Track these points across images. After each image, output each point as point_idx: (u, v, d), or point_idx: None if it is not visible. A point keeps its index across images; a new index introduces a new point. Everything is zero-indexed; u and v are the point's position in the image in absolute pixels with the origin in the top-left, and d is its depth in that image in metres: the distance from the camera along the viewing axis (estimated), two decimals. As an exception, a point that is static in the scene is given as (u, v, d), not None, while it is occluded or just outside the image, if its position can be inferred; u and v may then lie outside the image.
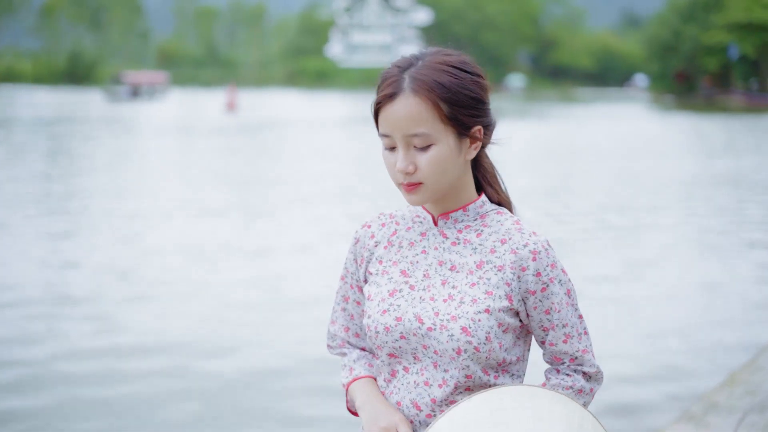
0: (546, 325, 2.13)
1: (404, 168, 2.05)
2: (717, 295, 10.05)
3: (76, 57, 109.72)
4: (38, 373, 7.15)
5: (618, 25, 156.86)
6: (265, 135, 35.64)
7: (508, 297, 2.09)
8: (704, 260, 12.16)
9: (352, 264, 2.27)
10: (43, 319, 8.73)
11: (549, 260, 2.10)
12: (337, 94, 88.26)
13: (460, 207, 2.16)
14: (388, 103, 2.04)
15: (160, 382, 7.00)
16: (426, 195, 2.09)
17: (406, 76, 2.04)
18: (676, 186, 20.34)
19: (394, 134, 2.05)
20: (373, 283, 2.19)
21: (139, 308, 9.19)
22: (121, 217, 14.95)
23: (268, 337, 8.26)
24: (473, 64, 2.10)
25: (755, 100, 69.47)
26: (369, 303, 2.17)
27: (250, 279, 10.57)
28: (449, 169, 2.07)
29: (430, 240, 2.17)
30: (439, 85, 2.02)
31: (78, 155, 26.48)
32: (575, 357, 2.16)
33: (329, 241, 13.00)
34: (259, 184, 20.14)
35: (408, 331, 2.09)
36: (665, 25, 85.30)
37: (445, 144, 2.04)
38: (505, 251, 2.11)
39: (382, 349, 2.14)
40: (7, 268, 10.98)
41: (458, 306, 2.07)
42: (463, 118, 2.05)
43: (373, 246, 2.23)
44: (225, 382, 7.07)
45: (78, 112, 49.40)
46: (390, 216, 2.26)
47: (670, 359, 7.66)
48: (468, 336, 2.04)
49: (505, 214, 2.18)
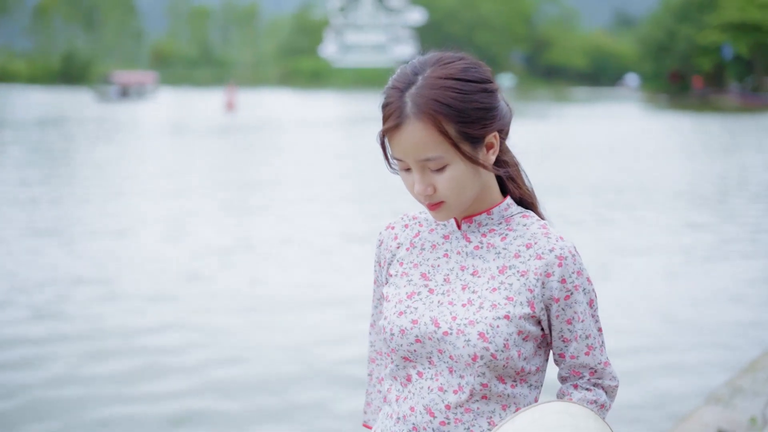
0: (567, 336, 2.06)
1: (423, 191, 2.00)
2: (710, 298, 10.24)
3: (70, 57, 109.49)
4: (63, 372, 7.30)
5: (611, 25, 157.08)
6: (270, 134, 35.74)
7: (530, 304, 2.02)
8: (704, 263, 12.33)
9: (377, 267, 2.24)
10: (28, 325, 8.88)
11: (576, 267, 2.04)
12: (331, 94, 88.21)
13: (484, 210, 2.10)
14: (394, 132, 1.98)
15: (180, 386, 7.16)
16: (451, 211, 2.04)
17: (407, 100, 1.95)
18: (678, 185, 20.53)
19: (406, 159, 1.99)
20: (392, 284, 2.15)
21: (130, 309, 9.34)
22: (152, 221, 15.08)
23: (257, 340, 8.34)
24: (476, 68, 2.00)
25: (749, 99, 69.77)
26: (386, 304, 2.12)
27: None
28: (469, 185, 2.01)
29: (453, 243, 2.12)
30: (443, 106, 1.93)
31: (77, 157, 26.54)
32: (596, 370, 2.09)
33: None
34: (277, 183, 20.25)
35: (423, 335, 2.03)
36: (659, 24, 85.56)
37: (459, 163, 1.98)
38: (530, 256, 2.04)
39: (397, 352, 2.08)
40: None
41: (477, 311, 2.01)
42: (473, 133, 1.97)
43: (395, 248, 2.18)
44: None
45: (68, 112, 48.99)
46: (413, 217, 2.21)
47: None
48: (485, 342, 1.98)
49: (531, 218, 2.11)
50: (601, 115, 52.74)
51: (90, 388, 7.04)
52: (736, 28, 74.24)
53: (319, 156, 27.27)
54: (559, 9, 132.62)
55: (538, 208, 2.16)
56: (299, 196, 18.13)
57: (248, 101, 63.59)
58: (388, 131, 1.99)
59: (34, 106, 55.18)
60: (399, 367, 2.10)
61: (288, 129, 39.29)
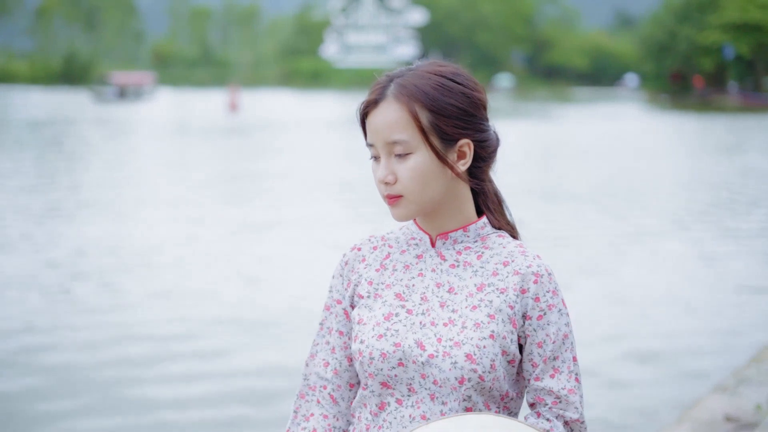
0: (536, 360, 1.98)
1: (383, 177, 1.97)
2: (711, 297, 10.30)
3: (70, 58, 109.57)
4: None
5: (611, 25, 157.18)
6: (277, 135, 35.79)
7: (512, 321, 1.96)
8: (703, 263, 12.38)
9: (339, 288, 2.11)
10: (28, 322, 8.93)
11: (551, 286, 1.99)
12: (332, 95, 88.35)
13: (459, 227, 2.05)
14: (372, 109, 1.99)
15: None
16: (409, 209, 1.98)
17: (392, 84, 1.98)
18: (683, 184, 20.61)
19: (376, 143, 1.98)
20: (364, 306, 2.04)
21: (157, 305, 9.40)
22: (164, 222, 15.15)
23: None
24: (467, 77, 2.01)
25: (750, 99, 69.82)
26: (360, 327, 2.01)
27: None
28: (431, 182, 1.96)
29: (427, 262, 2.05)
30: (421, 92, 1.95)
31: (85, 159, 26.61)
32: (559, 397, 1.98)
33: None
34: (301, 182, 20.33)
35: (407, 358, 1.95)
36: (660, 25, 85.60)
37: (425, 154, 1.95)
38: (508, 273, 1.99)
39: (375, 377, 1.98)
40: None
41: (461, 331, 1.94)
42: (445, 128, 1.95)
43: (363, 268, 2.09)
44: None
45: (64, 114, 48.84)
46: (382, 239, 2.13)
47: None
48: (473, 364, 1.91)
49: (506, 237, 2.07)
50: (603, 116, 52.78)
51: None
52: (737, 28, 74.30)
53: (336, 156, 27.32)
54: (559, 9, 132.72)
55: (518, 237, 2.10)
56: (322, 197, 18.17)
57: (250, 102, 63.70)
58: (368, 106, 1.99)
59: (30, 107, 55.20)
60: (374, 394, 2.00)
61: (293, 129, 39.33)
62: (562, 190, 19.19)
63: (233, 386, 7.06)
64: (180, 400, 6.75)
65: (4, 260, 11.39)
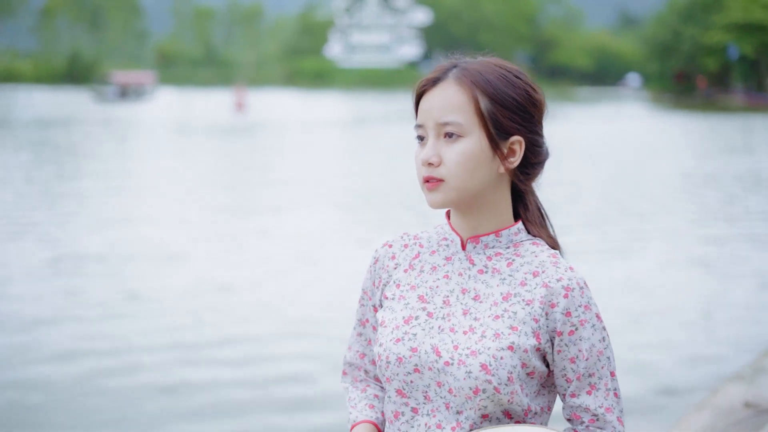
0: (570, 376, 1.91)
1: (428, 157, 1.91)
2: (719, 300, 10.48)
3: (75, 57, 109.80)
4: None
5: (614, 25, 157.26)
6: (286, 135, 35.95)
7: (536, 334, 1.89)
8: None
9: (369, 286, 2.09)
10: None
11: (583, 300, 1.90)
12: (336, 94, 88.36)
13: (492, 231, 1.98)
14: (430, 88, 1.95)
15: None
16: (447, 196, 1.92)
17: (455, 68, 1.96)
18: (691, 182, 20.76)
19: (426, 123, 1.94)
20: (387, 308, 2.01)
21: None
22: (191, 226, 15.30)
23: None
24: (531, 79, 1.98)
25: (755, 99, 69.95)
26: (381, 330, 1.98)
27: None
28: (476, 171, 1.91)
29: (455, 265, 1.99)
30: (484, 79, 1.92)
31: (94, 159, 26.75)
32: (596, 416, 1.91)
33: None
34: (320, 183, 20.48)
35: (423, 364, 1.91)
36: (664, 25, 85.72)
37: (476, 140, 1.90)
38: (536, 284, 1.92)
39: (392, 383, 1.95)
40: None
41: (479, 340, 1.88)
42: (501, 119, 1.91)
43: (392, 268, 2.06)
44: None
45: (67, 113, 48.98)
46: (414, 237, 2.09)
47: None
48: (488, 374, 1.85)
49: (541, 246, 1.99)
50: (609, 116, 52.89)
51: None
52: (741, 28, 74.38)
53: (349, 155, 27.49)
54: (562, 9, 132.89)
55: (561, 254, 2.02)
56: (362, 195, 18.32)
57: (254, 101, 63.83)
58: (427, 84, 1.96)
59: (32, 107, 55.33)
60: (390, 400, 1.98)
61: (302, 129, 39.47)
62: (566, 190, 19.30)
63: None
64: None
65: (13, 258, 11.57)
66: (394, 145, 31.56)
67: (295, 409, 6.78)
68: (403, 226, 14.29)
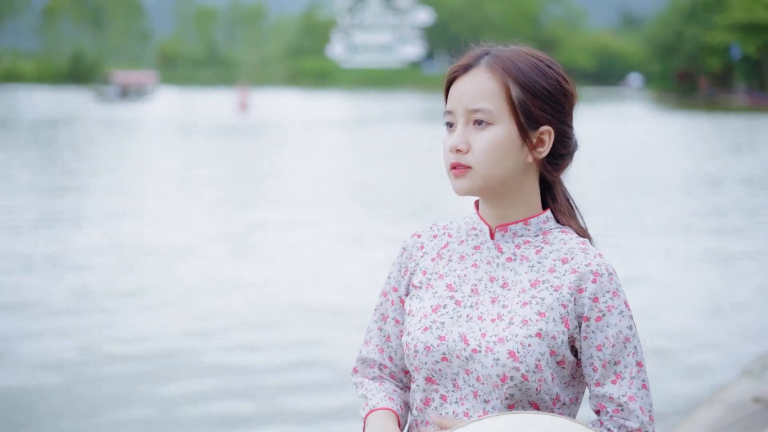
0: (596, 363, 1.89)
1: (456, 144, 1.90)
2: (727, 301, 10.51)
3: (77, 57, 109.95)
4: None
5: (616, 25, 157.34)
6: (291, 135, 35.92)
7: (564, 320, 1.88)
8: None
9: (396, 275, 2.07)
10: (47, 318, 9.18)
11: (611, 287, 1.89)
12: (339, 94, 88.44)
13: (521, 220, 1.97)
14: (461, 75, 1.94)
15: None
16: (474, 183, 1.91)
17: (487, 54, 1.95)
18: (700, 181, 20.79)
19: (456, 109, 1.93)
20: (415, 297, 2.00)
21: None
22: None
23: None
24: (563, 70, 1.96)
25: (757, 99, 69.97)
26: (409, 319, 1.97)
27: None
28: (504, 158, 1.90)
29: (484, 253, 1.98)
30: (515, 67, 1.91)
31: (103, 160, 26.79)
32: (621, 405, 1.88)
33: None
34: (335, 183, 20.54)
35: (451, 353, 1.90)
36: (667, 25, 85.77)
37: (505, 128, 1.89)
38: (565, 271, 1.91)
39: (420, 371, 1.94)
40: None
41: (507, 327, 1.87)
42: (531, 108, 1.90)
43: (420, 257, 2.04)
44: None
45: (68, 113, 48.92)
46: (443, 227, 2.07)
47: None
48: (515, 362, 1.84)
49: (570, 233, 1.98)
50: (612, 116, 52.88)
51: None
52: (743, 28, 74.39)
53: (351, 155, 27.53)
54: (564, 9, 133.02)
55: (592, 243, 2.01)
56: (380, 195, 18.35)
57: (257, 101, 63.88)
58: (458, 70, 1.95)
59: (33, 107, 55.39)
60: (419, 388, 1.97)
61: (304, 129, 39.50)
62: (574, 189, 19.31)
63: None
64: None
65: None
66: (395, 144, 31.62)
67: (312, 392, 6.84)
68: (402, 226, 14.34)
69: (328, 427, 6.37)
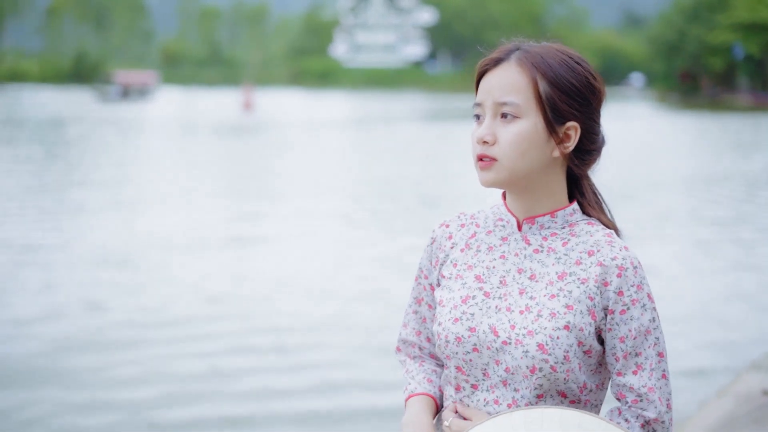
0: (618, 354, 1.94)
1: (483, 135, 1.95)
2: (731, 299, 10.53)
3: (80, 57, 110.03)
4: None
5: (619, 24, 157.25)
6: (296, 134, 35.92)
7: (591, 312, 1.93)
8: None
9: (426, 265, 2.13)
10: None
11: (636, 280, 1.93)
12: (342, 94, 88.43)
13: (548, 212, 2.01)
14: (491, 68, 1.99)
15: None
16: (499, 175, 1.95)
17: (518, 50, 1.99)
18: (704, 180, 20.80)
19: (485, 102, 1.97)
20: (445, 287, 2.05)
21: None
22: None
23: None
24: (592, 68, 2.01)
25: (761, 98, 69.93)
26: (440, 309, 2.03)
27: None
28: (529, 152, 1.94)
29: (511, 245, 2.02)
30: (545, 63, 1.95)
31: (113, 160, 26.82)
32: (640, 395, 1.93)
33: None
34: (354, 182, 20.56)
35: (482, 344, 1.95)
36: (670, 24, 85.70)
37: (532, 122, 1.94)
38: (591, 263, 1.95)
39: (451, 360, 2.00)
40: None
41: (535, 319, 1.92)
42: (559, 104, 1.94)
43: (449, 247, 2.09)
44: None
45: (68, 113, 48.86)
46: (471, 217, 2.12)
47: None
48: (544, 354, 1.89)
49: (596, 225, 2.02)
50: (615, 115, 52.93)
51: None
52: (746, 27, 74.33)
53: (354, 154, 27.54)
54: (567, 9, 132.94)
55: (619, 236, 2.05)
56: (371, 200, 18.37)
57: (261, 101, 63.92)
58: (489, 63, 1.99)
59: (35, 106, 55.37)
60: (451, 374, 2.03)
61: (308, 128, 39.53)
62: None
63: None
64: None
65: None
66: (398, 144, 31.65)
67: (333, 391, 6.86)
68: (404, 227, 14.38)
69: (328, 428, 6.38)
